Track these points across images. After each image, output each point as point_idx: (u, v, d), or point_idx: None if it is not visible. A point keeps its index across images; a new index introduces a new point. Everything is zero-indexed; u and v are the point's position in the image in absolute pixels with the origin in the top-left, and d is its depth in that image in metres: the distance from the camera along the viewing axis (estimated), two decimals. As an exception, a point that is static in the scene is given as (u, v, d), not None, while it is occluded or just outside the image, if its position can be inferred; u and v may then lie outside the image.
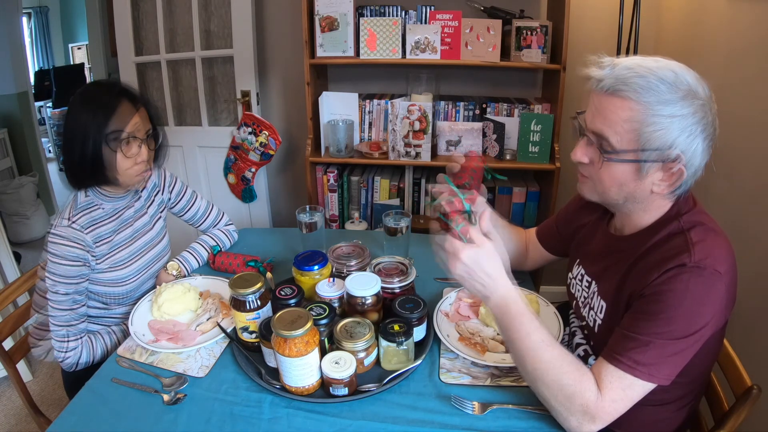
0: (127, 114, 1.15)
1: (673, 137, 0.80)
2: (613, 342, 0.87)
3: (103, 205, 1.26)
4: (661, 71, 0.80)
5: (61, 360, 1.17)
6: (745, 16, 1.52)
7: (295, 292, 1.10)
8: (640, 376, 0.82)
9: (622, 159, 0.84)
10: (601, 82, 0.84)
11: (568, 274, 1.17)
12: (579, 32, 2.16)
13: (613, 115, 0.83)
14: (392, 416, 0.92)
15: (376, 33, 2.03)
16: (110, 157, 1.15)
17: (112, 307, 1.32)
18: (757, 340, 1.39)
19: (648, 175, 0.85)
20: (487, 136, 2.18)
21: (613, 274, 0.96)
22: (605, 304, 0.98)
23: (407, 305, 1.09)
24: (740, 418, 0.97)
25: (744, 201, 1.48)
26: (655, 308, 0.83)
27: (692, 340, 0.83)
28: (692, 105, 0.80)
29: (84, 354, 1.19)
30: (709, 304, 0.82)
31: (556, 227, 1.23)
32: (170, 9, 2.42)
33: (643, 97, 0.79)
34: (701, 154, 0.83)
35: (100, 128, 1.13)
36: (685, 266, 0.81)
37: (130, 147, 1.17)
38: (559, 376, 0.85)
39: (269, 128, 2.33)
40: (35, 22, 5.89)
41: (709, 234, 0.86)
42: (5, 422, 1.96)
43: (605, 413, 0.84)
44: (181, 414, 0.94)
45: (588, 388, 0.84)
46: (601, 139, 0.86)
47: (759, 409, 0.98)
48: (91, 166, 1.16)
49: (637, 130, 0.81)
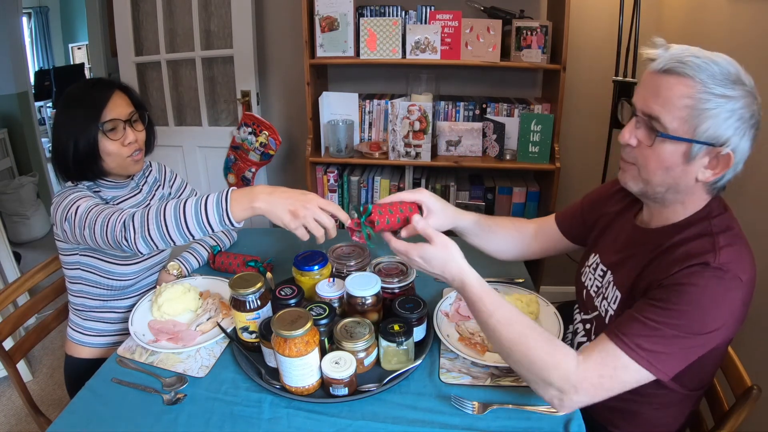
0: (104, 101, 1.20)
1: (723, 118, 0.80)
2: (620, 322, 0.86)
3: (103, 192, 1.28)
4: (713, 55, 0.81)
5: None
6: (745, 16, 1.52)
7: (295, 292, 1.10)
8: (638, 360, 0.81)
9: (673, 136, 0.83)
10: (656, 61, 0.84)
11: (583, 263, 1.15)
12: (579, 32, 2.16)
13: (668, 92, 0.82)
14: (392, 416, 0.92)
15: (376, 33, 2.03)
16: (100, 145, 1.20)
17: (109, 300, 1.33)
18: (757, 340, 1.39)
19: (696, 159, 0.83)
20: (487, 136, 2.18)
21: (632, 265, 0.95)
22: (620, 295, 0.97)
23: (407, 305, 1.09)
24: (740, 418, 0.97)
25: (744, 199, 1.48)
26: (672, 298, 0.82)
27: (701, 340, 0.82)
28: (742, 89, 0.80)
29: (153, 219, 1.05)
30: (725, 308, 0.81)
31: (581, 211, 1.20)
32: (170, 9, 2.42)
33: (699, 74, 0.79)
34: (747, 143, 0.82)
35: (83, 121, 1.18)
36: (708, 265, 0.81)
37: (115, 132, 1.21)
38: (527, 351, 0.86)
39: (269, 128, 2.33)
40: (35, 22, 5.89)
41: (736, 241, 0.85)
42: (5, 422, 1.96)
43: (589, 384, 0.83)
44: (181, 414, 0.94)
45: (562, 360, 0.84)
46: (652, 119, 0.85)
47: (759, 409, 0.98)
48: (84, 160, 1.20)
49: (691, 108, 0.80)
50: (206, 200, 1.01)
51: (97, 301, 1.33)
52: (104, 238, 1.08)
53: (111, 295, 1.33)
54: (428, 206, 1.08)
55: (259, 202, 0.99)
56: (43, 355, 2.33)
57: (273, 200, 0.99)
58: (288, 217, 0.98)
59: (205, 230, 1.02)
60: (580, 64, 2.22)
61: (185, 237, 1.03)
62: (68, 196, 1.17)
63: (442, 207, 1.11)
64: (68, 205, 1.15)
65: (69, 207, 1.15)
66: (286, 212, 0.98)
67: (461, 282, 0.94)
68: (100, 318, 1.34)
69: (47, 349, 2.36)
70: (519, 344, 0.87)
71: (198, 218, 1.01)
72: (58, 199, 1.19)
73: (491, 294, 0.92)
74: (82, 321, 1.35)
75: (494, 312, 0.90)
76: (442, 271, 0.95)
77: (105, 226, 1.07)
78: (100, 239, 1.09)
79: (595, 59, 2.22)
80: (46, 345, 2.36)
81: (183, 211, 1.01)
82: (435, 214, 1.09)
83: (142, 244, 1.04)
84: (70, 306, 1.37)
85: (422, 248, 0.95)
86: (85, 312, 1.34)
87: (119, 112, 1.21)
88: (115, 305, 1.34)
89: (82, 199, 1.16)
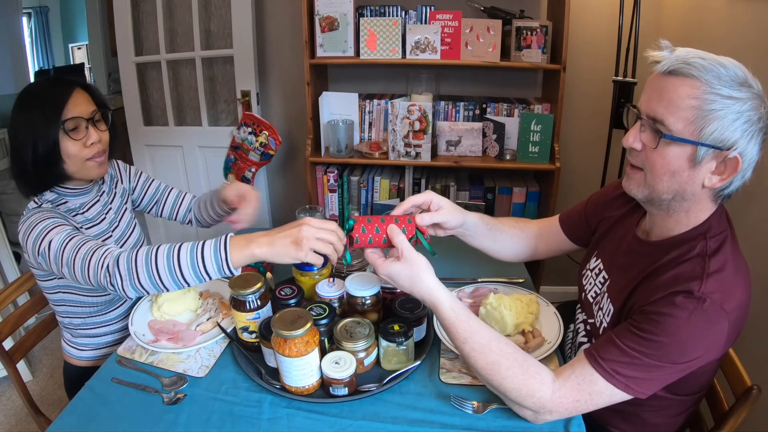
0: (64, 99, 1.11)
1: (730, 120, 0.78)
2: (600, 344, 0.86)
3: (69, 201, 1.20)
4: (720, 58, 0.80)
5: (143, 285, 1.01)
6: (745, 16, 1.52)
7: (295, 292, 1.10)
8: (616, 384, 0.83)
9: (678, 138, 0.81)
10: (660, 63, 0.83)
11: (585, 265, 1.15)
12: (579, 32, 2.16)
13: (672, 94, 0.80)
14: (392, 416, 0.92)
15: (376, 33, 2.03)
16: (61, 146, 1.11)
17: (96, 315, 1.28)
18: (757, 340, 1.39)
19: (702, 164, 0.81)
20: (487, 136, 2.18)
21: (627, 280, 0.95)
22: (612, 309, 0.97)
23: (407, 305, 1.09)
24: (740, 418, 0.97)
25: (744, 200, 1.48)
26: (651, 329, 0.81)
27: (679, 368, 0.82)
28: (749, 92, 0.78)
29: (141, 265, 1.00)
30: (707, 339, 0.81)
31: (584, 213, 1.19)
32: (170, 9, 2.42)
33: (705, 75, 0.78)
34: (755, 148, 0.80)
35: (43, 120, 1.09)
36: (692, 294, 0.79)
37: (77, 131, 1.12)
38: (502, 380, 0.87)
39: (269, 128, 2.33)
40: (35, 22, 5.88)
41: (728, 265, 0.83)
42: (5, 422, 1.96)
43: (564, 409, 0.85)
44: (181, 414, 0.94)
45: (537, 389, 0.85)
46: (656, 122, 0.83)
47: (759, 409, 0.98)
48: (44, 164, 1.11)
49: (696, 108, 0.78)
50: (202, 249, 0.97)
51: (84, 319, 1.27)
52: (86, 280, 1.02)
53: (97, 310, 1.27)
54: (437, 203, 1.09)
55: (260, 249, 0.94)
56: (43, 355, 2.33)
57: (272, 241, 0.94)
58: (293, 250, 0.93)
59: (202, 278, 0.97)
60: (580, 64, 2.22)
61: (180, 285, 0.98)
62: (35, 225, 1.07)
63: (450, 203, 1.12)
64: (39, 238, 1.06)
65: (40, 239, 1.06)
66: (288, 246, 0.93)
67: (432, 304, 0.93)
68: (90, 334, 1.30)
69: (47, 349, 2.36)
70: (493, 373, 0.88)
71: (195, 267, 0.96)
72: (24, 228, 1.09)
73: (465, 319, 0.91)
74: (73, 338, 1.30)
75: (468, 339, 0.90)
76: (411, 290, 0.94)
77: (86, 267, 1.01)
78: (82, 280, 1.02)
79: (595, 59, 2.22)
80: (46, 345, 2.36)
81: (177, 259, 0.97)
82: (444, 209, 1.09)
83: (131, 291, 0.99)
84: (59, 323, 1.32)
85: (389, 265, 0.93)
86: (75, 330, 1.29)
87: (81, 110, 1.13)
88: (104, 320, 1.29)
89: (52, 230, 1.06)
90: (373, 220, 0.98)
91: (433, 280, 0.93)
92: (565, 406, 0.85)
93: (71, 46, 6.27)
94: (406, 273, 0.92)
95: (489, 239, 1.21)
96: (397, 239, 0.95)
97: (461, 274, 1.38)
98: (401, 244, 0.94)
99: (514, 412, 0.91)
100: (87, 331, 1.29)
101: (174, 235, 2.74)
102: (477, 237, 1.20)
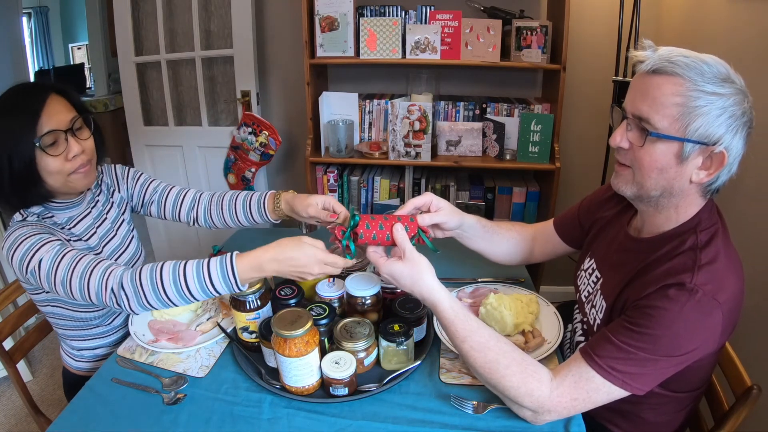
0: (38, 109, 0.98)
1: (715, 115, 0.79)
2: (596, 341, 0.87)
3: (56, 215, 1.12)
4: (702, 55, 0.81)
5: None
6: (744, 16, 1.52)
7: (295, 292, 1.10)
8: (613, 381, 0.83)
9: (664, 135, 0.82)
10: (644, 63, 0.84)
11: (579, 266, 1.16)
12: (579, 32, 2.16)
13: (656, 92, 0.82)
14: (392, 416, 0.92)
15: (376, 33, 2.03)
16: (39, 163, 1.00)
17: (91, 328, 1.23)
18: (757, 340, 1.39)
19: (689, 160, 0.83)
20: (487, 136, 2.18)
21: (620, 278, 0.95)
22: (605, 305, 0.97)
23: (407, 305, 1.09)
24: (740, 418, 0.97)
25: (744, 199, 1.48)
26: (645, 323, 0.82)
27: (675, 361, 0.82)
28: (732, 87, 0.80)
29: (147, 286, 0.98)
30: (701, 331, 0.81)
31: (578, 215, 1.20)
32: (170, 9, 2.42)
33: (688, 73, 0.79)
34: (740, 142, 0.82)
35: (15, 136, 0.97)
36: (684, 286, 0.80)
37: (56, 146, 1.00)
38: (500, 379, 0.88)
39: (269, 128, 2.33)
40: (35, 22, 5.88)
41: (720, 257, 0.84)
42: (5, 422, 1.96)
43: (563, 408, 0.86)
44: (181, 414, 0.94)
45: (536, 388, 0.86)
46: (642, 120, 0.84)
47: (759, 409, 0.98)
48: (22, 183, 1.00)
49: (681, 105, 0.80)
50: (209, 269, 0.97)
51: (76, 331, 1.23)
52: (85, 298, 0.98)
53: (89, 324, 1.22)
54: (436, 204, 1.10)
55: (269, 272, 0.99)
56: (43, 355, 2.34)
57: (280, 272, 0.99)
58: (298, 279, 1.01)
59: (210, 294, 0.99)
60: (580, 64, 2.22)
61: (187, 300, 0.99)
62: (22, 242, 0.99)
63: (449, 205, 1.13)
64: (26, 255, 0.98)
65: (28, 258, 0.98)
66: (295, 276, 1.00)
67: (432, 303, 0.94)
68: (84, 346, 1.25)
69: (47, 349, 2.36)
70: (492, 372, 0.89)
71: (203, 286, 0.97)
72: (9, 243, 1.00)
73: (464, 318, 0.92)
74: (69, 348, 1.27)
75: (467, 338, 0.91)
76: (411, 290, 0.95)
77: (85, 287, 0.97)
78: (81, 299, 0.98)
79: (595, 59, 2.22)
80: (46, 345, 2.36)
81: (184, 277, 0.97)
82: (443, 209, 1.11)
83: (139, 309, 0.98)
84: (55, 331, 1.28)
85: (391, 264, 0.94)
86: (69, 341, 1.25)
87: (58, 120, 1.00)
88: (97, 332, 1.24)
89: (40, 248, 0.98)
90: (376, 218, 1.00)
91: (433, 280, 0.94)
92: (564, 405, 0.85)
93: (71, 46, 6.27)
94: (408, 272, 0.93)
95: (486, 241, 1.22)
96: (399, 238, 0.96)
97: (461, 274, 1.38)
98: (403, 243, 0.95)
99: (514, 412, 0.91)
100: (81, 342, 1.25)
101: (174, 235, 2.74)
102: (474, 239, 1.21)
